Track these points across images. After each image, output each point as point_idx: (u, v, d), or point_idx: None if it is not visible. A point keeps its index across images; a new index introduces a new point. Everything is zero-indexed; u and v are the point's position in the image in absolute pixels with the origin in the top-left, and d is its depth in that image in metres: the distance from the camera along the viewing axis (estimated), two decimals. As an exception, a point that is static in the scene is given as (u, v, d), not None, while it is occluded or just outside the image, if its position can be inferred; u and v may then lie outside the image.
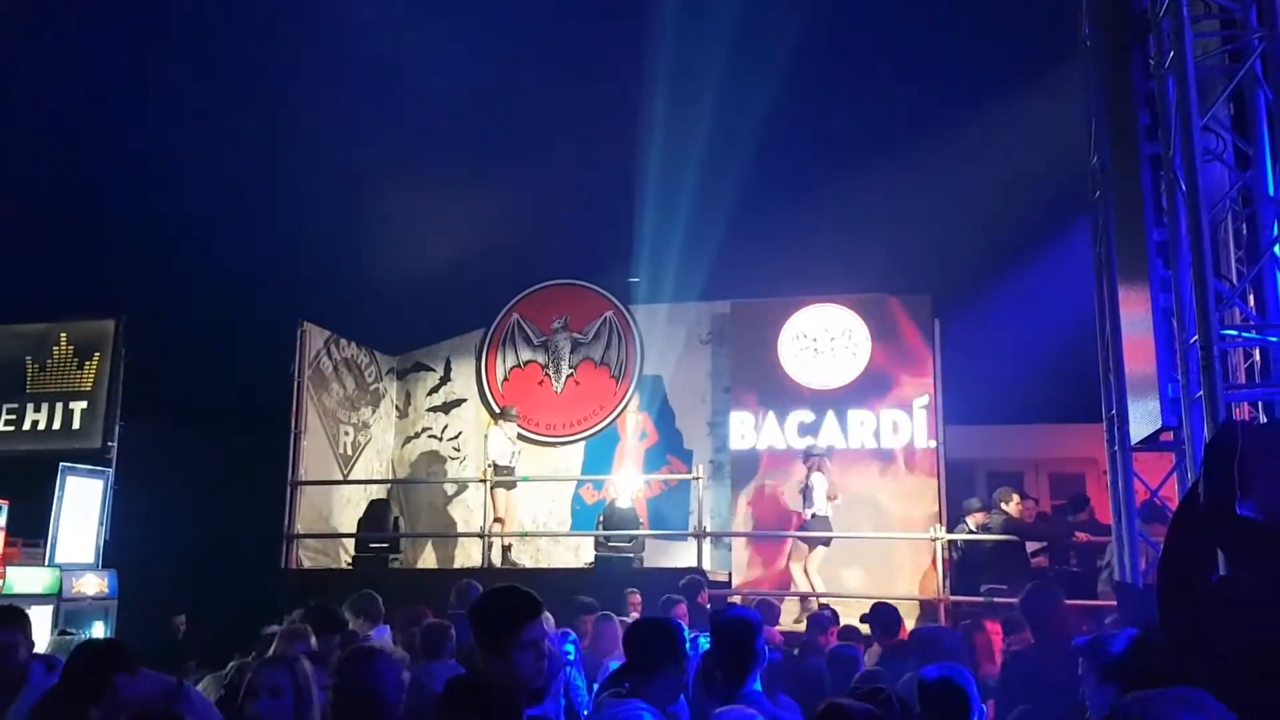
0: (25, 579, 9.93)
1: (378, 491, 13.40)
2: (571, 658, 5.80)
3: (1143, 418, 6.97)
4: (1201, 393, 5.59)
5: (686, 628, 5.90)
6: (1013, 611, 6.63)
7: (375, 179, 12.89)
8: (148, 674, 3.85)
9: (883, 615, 7.02)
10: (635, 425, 13.61)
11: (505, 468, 12.18)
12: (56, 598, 10.01)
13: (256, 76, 12.25)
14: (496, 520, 11.97)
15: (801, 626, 8.42)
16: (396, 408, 14.59)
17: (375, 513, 12.34)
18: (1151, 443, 7.22)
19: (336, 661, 3.68)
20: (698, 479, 11.58)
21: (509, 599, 3.21)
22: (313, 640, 4.86)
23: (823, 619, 7.80)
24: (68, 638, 8.76)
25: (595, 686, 5.49)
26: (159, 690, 3.83)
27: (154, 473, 11.43)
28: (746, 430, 12.67)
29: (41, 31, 12.04)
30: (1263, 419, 6.39)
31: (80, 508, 10.82)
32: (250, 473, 11.78)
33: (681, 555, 11.91)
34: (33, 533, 10.52)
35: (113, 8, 11.89)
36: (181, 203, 12.87)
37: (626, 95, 12.32)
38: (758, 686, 4.05)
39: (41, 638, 8.94)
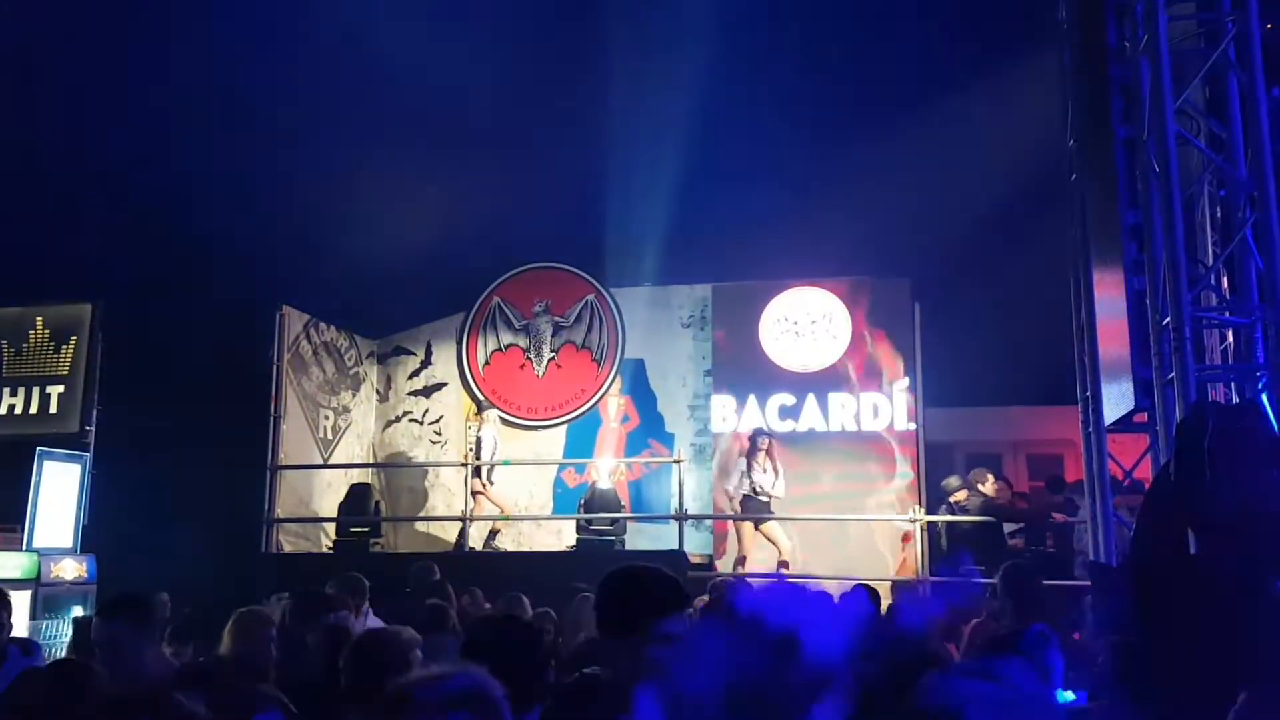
0: (2, 564, 9.88)
1: (358, 475, 13.37)
2: None
3: (1116, 399, 7.04)
4: (1174, 374, 5.64)
5: None
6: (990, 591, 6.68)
7: (354, 161, 12.80)
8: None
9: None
10: (617, 408, 13.62)
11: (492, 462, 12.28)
12: (35, 583, 9.93)
13: (233, 60, 12.13)
14: (503, 518, 12.22)
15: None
16: (377, 391, 14.54)
17: (356, 497, 12.32)
18: (1125, 424, 7.29)
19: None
20: (679, 462, 11.62)
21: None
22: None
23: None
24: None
25: None
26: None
27: (132, 457, 11.35)
28: (728, 413, 12.72)
29: (16, 14, 11.90)
30: (1235, 399, 6.46)
31: (58, 492, 10.75)
32: (230, 457, 11.71)
33: (663, 538, 11.95)
34: (10, 517, 10.45)
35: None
36: (158, 185, 12.75)
37: (605, 77, 12.27)
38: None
39: (20, 623, 8.93)
